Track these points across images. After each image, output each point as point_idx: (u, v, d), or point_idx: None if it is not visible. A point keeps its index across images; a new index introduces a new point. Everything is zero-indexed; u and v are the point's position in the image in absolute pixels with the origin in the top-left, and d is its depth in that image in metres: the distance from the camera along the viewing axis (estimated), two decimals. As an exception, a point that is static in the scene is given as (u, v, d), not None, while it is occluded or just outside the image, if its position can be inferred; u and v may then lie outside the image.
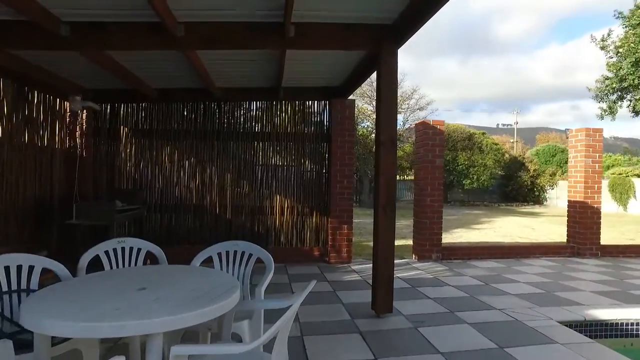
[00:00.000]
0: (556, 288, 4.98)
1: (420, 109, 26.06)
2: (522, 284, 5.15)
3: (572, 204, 7.32)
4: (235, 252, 3.06)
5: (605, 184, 24.63)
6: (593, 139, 7.11)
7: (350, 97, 6.56)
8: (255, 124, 6.74)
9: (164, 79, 5.96)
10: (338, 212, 6.45)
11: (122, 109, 6.59)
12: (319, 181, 6.70)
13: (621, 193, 22.88)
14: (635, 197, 22.08)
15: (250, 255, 3.03)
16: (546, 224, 15.44)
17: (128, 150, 6.56)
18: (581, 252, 7.12)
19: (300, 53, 4.63)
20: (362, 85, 26.14)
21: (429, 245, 6.62)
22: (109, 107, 6.56)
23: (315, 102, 6.77)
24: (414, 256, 6.87)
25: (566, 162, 34.70)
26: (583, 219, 7.09)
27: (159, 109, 6.63)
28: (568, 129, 7.23)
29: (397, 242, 9.85)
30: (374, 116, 26.53)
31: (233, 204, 6.59)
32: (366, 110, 26.16)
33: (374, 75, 3.88)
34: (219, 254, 3.03)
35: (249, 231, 6.59)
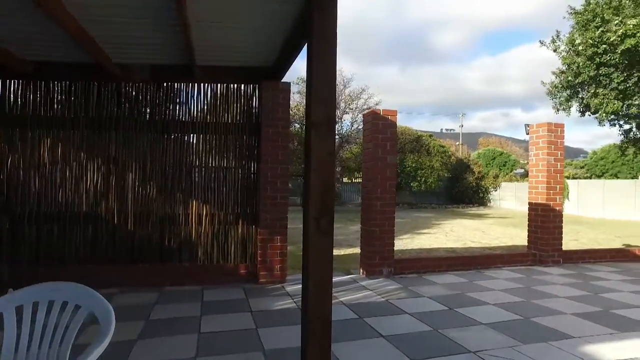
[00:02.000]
0: (532, 311, 4.09)
1: (369, 109, 25.44)
2: (491, 307, 4.20)
3: (533, 207, 6.61)
4: (53, 302, 1.75)
5: (544, 185, 25.29)
6: (555, 135, 6.44)
7: (286, 80, 5.40)
8: (165, 112, 5.37)
9: (37, 47, 4.49)
10: (269, 220, 5.23)
11: (-19, 87, 4.98)
12: (246, 182, 5.45)
13: (559, 194, 23.44)
14: (568, 198, 22.77)
15: (78, 308, 1.74)
16: (495, 226, 15.14)
17: (-9, 143, 4.96)
18: (543, 260, 6.41)
19: (206, 7, 3.40)
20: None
21: (379, 258, 5.58)
22: (-40, 84, 4.94)
23: (242, 85, 5.52)
24: (361, 271, 5.80)
25: (504, 165, 35.99)
26: (545, 223, 6.39)
27: (36, 89, 5.09)
28: (527, 125, 6.64)
29: (345, 251, 8.80)
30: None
31: (137, 212, 5.17)
32: (294, 110, 24.89)
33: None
34: (19, 309, 1.71)
35: (157, 245, 5.21)
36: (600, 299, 4.60)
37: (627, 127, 9.72)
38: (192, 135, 5.39)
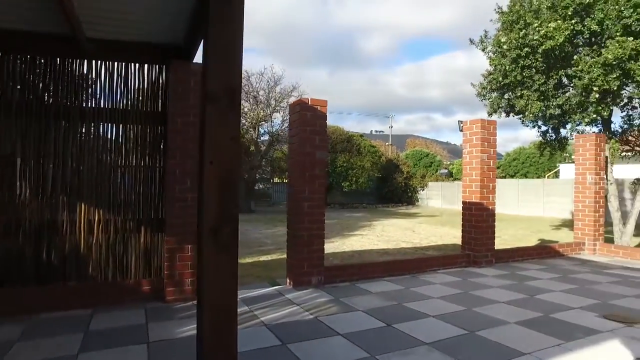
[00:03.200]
0: (476, 322, 3.70)
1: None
2: (433, 321, 3.76)
3: (467, 206, 6.40)
4: None
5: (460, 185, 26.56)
6: (488, 132, 6.28)
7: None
8: (44, 93, 4.31)
9: None
10: (178, 226, 4.38)
11: None
12: (149, 181, 4.55)
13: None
14: (491, 196, 24.02)
15: None
16: (424, 225, 15.32)
17: None
18: (477, 261, 6.22)
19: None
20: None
21: (307, 266, 4.96)
22: None
23: (146, 65, 4.62)
24: (288, 281, 5.14)
25: (429, 166, 37.51)
26: (479, 222, 6.20)
27: None
28: (461, 121, 6.49)
29: (272, 257, 8.09)
30: (251, 113, 24.62)
31: (1, 220, 4.06)
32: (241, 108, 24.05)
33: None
34: None
35: (32, 261, 4.13)
36: (538, 303, 4.38)
37: (544, 128, 10.07)
38: (81, 123, 4.38)
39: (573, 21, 7.65)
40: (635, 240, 10.02)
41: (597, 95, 7.43)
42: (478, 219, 6.18)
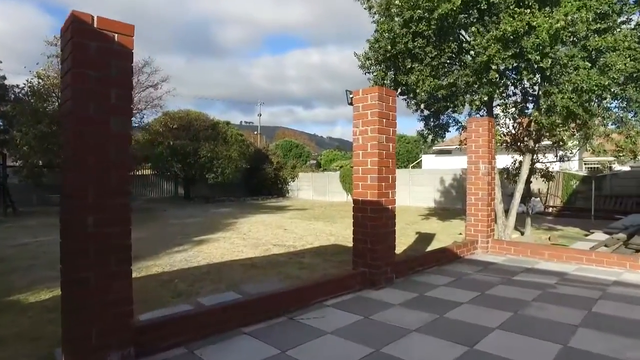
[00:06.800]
0: None
1: (154, 86, 20.96)
2: None
3: (360, 206, 4.68)
4: None
5: (336, 175, 26.15)
6: (387, 106, 4.65)
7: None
8: None
9: None
10: None
11: None
12: None
13: (350, 183, 24.38)
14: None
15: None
16: (297, 221, 13.71)
17: None
18: (375, 280, 4.58)
19: None
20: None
21: (99, 334, 2.59)
22: None
23: None
24: (63, 363, 2.71)
25: (299, 157, 36.76)
26: (377, 228, 4.54)
27: None
28: (349, 90, 4.88)
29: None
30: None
31: None
32: (53, 81, 18.18)
33: None
34: None
35: None
36: (480, 357, 2.83)
37: (427, 113, 9.18)
38: None
39: (471, -16, 6.62)
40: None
41: (496, 75, 6.50)
42: (376, 223, 4.52)
